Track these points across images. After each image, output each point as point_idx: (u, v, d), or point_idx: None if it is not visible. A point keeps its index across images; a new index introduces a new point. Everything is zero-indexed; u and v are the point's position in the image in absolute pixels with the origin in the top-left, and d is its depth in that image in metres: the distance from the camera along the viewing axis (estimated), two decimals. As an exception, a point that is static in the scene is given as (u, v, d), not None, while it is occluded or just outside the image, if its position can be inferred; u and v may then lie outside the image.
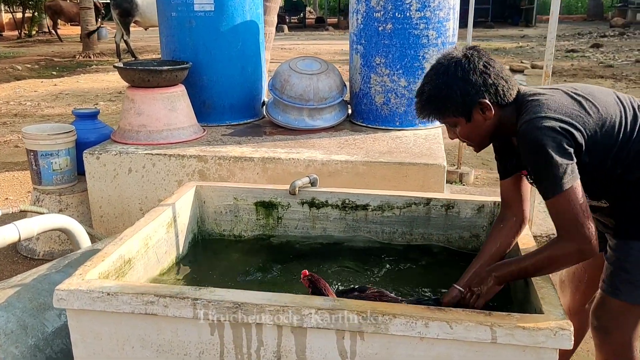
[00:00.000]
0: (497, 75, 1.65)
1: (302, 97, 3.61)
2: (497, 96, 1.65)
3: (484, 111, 1.65)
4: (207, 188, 2.62)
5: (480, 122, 1.67)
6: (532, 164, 1.59)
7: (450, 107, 1.65)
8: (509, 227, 1.94)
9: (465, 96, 1.63)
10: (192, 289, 1.68)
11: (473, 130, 1.69)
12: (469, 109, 1.64)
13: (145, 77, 3.31)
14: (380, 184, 3.00)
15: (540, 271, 1.66)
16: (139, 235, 2.11)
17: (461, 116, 1.66)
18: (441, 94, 1.64)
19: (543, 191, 1.59)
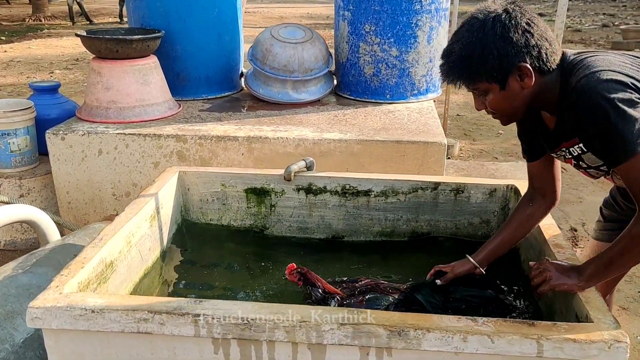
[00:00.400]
0: (541, 36, 1.41)
1: (285, 68, 3.34)
2: (539, 60, 1.40)
3: (523, 78, 1.41)
4: (192, 174, 2.36)
5: (516, 90, 1.42)
6: (597, 125, 1.32)
7: (483, 71, 1.40)
8: (538, 206, 1.78)
9: (504, 57, 1.37)
10: (191, 302, 1.45)
11: (506, 100, 1.44)
12: (506, 74, 1.40)
13: (113, 48, 2.98)
14: (376, 164, 2.80)
15: (628, 257, 1.41)
16: (121, 234, 1.85)
17: (495, 82, 1.41)
18: (474, 53, 1.39)
19: (613, 155, 1.34)
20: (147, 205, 2.06)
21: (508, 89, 1.42)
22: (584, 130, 1.40)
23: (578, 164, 1.58)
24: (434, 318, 1.39)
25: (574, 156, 1.56)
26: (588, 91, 1.34)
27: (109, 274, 1.76)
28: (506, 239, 1.82)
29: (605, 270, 1.46)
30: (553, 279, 1.50)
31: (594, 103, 1.32)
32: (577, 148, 1.52)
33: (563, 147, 1.56)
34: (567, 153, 1.57)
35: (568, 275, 1.50)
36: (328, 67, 3.51)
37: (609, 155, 1.36)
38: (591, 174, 1.59)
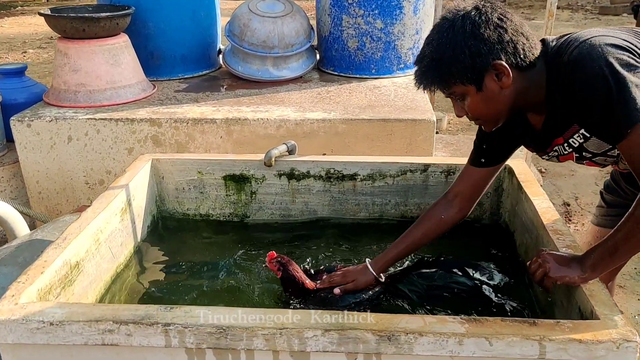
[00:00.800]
0: (516, 30, 1.30)
1: (265, 44, 3.16)
2: (516, 56, 1.29)
3: (500, 77, 1.29)
4: (166, 161, 2.21)
5: (495, 91, 1.31)
6: (597, 95, 1.20)
7: (457, 72, 1.29)
8: (451, 216, 1.70)
9: (476, 56, 1.27)
10: (161, 309, 1.32)
11: (486, 103, 1.33)
12: (481, 74, 1.29)
13: (79, 27, 2.78)
14: (362, 144, 2.66)
15: (634, 242, 1.27)
16: (88, 231, 1.71)
17: (471, 83, 1.30)
18: (445, 55, 1.28)
19: (614, 129, 1.22)
20: (117, 198, 1.91)
21: (486, 90, 1.30)
22: (584, 107, 1.26)
23: (581, 156, 1.44)
24: (427, 320, 1.28)
25: (574, 147, 1.42)
26: (582, 59, 1.23)
27: (75, 276, 1.63)
28: (411, 245, 1.71)
29: (610, 258, 1.33)
30: (552, 271, 1.39)
31: (591, 71, 1.21)
32: (577, 137, 1.39)
33: (556, 144, 1.44)
34: (565, 148, 1.44)
35: (569, 266, 1.39)
36: (310, 42, 3.33)
37: (611, 129, 1.24)
38: (597, 162, 1.46)
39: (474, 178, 1.66)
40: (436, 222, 1.70)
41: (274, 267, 1.75)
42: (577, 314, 1.39)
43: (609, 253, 1.32)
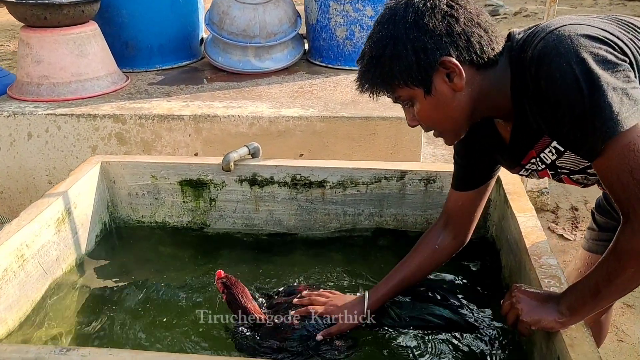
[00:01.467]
0: (470, 20, 1.05)
1: (245, 32, 2.93)
2: (470, 51, 1.05)
3: (451, 77, 1.06)
4: (116, 164, 2.01)
5: (446, 94, 1.07)
6: (565, 99, 0.95)
7: (399, 72, 1.06)
8: (445, 246, 1.46)
9: (420, 52, 1.04)
10: (54, 352, 1.12)
11: (437, 109, 1.09)
12: (428, 74, 1.05)
13: (40, 14, 2.58)
14: (342, 143, 2.43)
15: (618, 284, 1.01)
16: (7, 247, 1.52)
17: (417, 85, 1.07)
18: (385, 52, 1.05)
19: (586, 143, 0.96)
20: (51, 208, 1.72)
21: (436, 94, 1.07)
22: (550, 115, 0.99)
23: (557, 172, 1.17)
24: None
25: (547, 164, 1.15)
26: (548, 54, 0.96)
27: (-14, 299, 1.44)
28: (406, 280, 1.47)
29: (592, 301, 1.07)
30: (525, 313, 1.15)
31: (558, 70, 0.95)
32: (549, 152, 1.12)
33: (531, 157, 1.18)
34: (538, 163, 1.18)
35: (545, 307, 1.14)
36: (295, 30, 3.09)
37: (583, 143, 0.97)
38: (577, 180, 1.19)
39: (461, 202, 1.42)
40: (430, 253, 1.47)
41: (220, 288, 1.54)
42: (555, 364, 1.15)
43: (591, 295, 1.06)
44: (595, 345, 1.11)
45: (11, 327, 1.51)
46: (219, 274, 1.56)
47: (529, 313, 1.14)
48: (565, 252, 2.77)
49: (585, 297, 1.08)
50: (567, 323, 1.12)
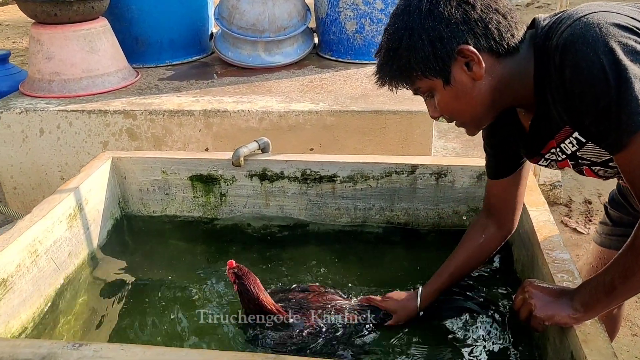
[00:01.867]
0: (488, 6, 1.03)
1: (255, 27, 2.93)
2: (488, 38, 1.03)
3: (470, 65, 1.04)
4: (127, 160, 2.02)
5: (466, 84, 1.05)
6: (590, 90, 0.92)
7: (416, 63, 1.04)
8: (491, 237, 1.44)
9: (436, 41, 1.02)
10: (68, 347, 1.13)
11: (457, 99, 1.07)
12: (446, 64, 1.04)
13: (50, 11, 2.59)
14: (352, 138, 2.42)
15: (634, 281, 1.00)
16: (19, 244, 1.53)
17: (436, 76, 1.05)
18: (402, 44, 1.04)
19: (610, 136, 0.94)
20: (63, 203, 1.73)
21: (455, 84, 1.05)
22: (574, 106, 0.97)
23: (577, 163, 1.15)
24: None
25: (568, 155, 1.13)
26: (574, 43, 0.93)
27: (1, 295, 1.45)
28: (455, 274, 1.47)
29: (606, 298, 1.06)
30: (538, 309, 1.13)
31: (585, 59, 0.92)
32: (569, 143, 1.10)
33: (551, 147, 1.16)
34: (558, 153, 1.15)
35: (558, 302, 1.13)
36: (305, 24, 3.08)
37: (607, 137, 0.95)
38: (597, 173, 1.17)
39: (498, 190, 1.40)
40: (477, 246, 1.45)
41: (232, 278, 1.54)
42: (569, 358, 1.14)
43: (605, 291, 1.05)
44: (608, 340, 1.10)
45: (25, 322, 1.53)
46: (230, 264, 1.55)
47: (542, 309, 1.13)
48: (578, 245, 2.74)
49: (600, 294, 1.06)
50: (581, 319, 1.11)
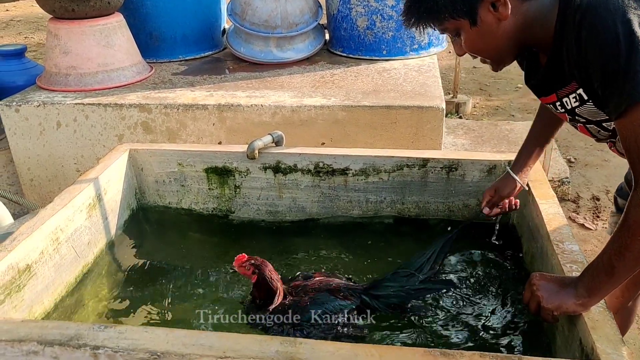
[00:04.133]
0: None
1: (267, 23, 2.96)
2: None
3: (496, 6, 1.10)
4: (144, 152, 2.06)
5: (491, 24, 1.11)
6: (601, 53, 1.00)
7: (444, 5, 1.11)
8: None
9: None
10: (93, 329, 1.17)
11: (483, 38, 1.14)
12: (473, 5, 1.10)
13: (68, 6, 2.64)
14: (363, 133, 2.45)
15: (630, 258, 1.05)
16: (42, 231, 1.58)
17: (462, 17, 1.12)
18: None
19: (613, 101, 1.01)
20: (82, 193, 1.78)
21: (481, 24, 1.11)
22: (585, 67, 1.04)
23: (574, 119, 1.22)
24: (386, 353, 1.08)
25: (567, 109, 1.19)
26: (596, 7, 1.00)
27: (25, 280, 1.50)
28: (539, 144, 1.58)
29: (607, 278, 1.10)
30: (546, 300, 1.17)
31: (602, 24, 0.99)
32: (573, 98, 1.16)
33: (552, 100, 1.21)
34: (557, 106, 1.21)
35: (564, 291, 1.17)
36: (317, 20, 3.11)
37: (610, 101, 1.03)
38: (591, 131, 1.23)
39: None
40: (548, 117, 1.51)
41: (246, 272, 1.57)
42: (577, 347, 1.17)
43: (606, 272, 1.09)
44: (617, 327, 1.13)
45: (47, 307, 1.58)
46: (241, 258, 1.57)
47: (549, 299, 1.17)
48: (586, 241, 2.77)
49: (601, 275, 1.11)
50: (587, 304, 1.14)
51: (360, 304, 1.50)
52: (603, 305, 1.18)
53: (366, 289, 1.53)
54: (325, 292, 1.51)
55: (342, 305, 1.48)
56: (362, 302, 1.50)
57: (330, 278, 1.59)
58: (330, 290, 1.52)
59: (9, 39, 7.29)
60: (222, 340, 1.13)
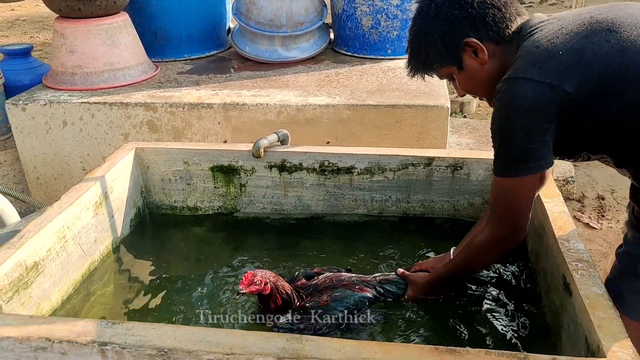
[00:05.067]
0: (483, 3, 1.26)
1: (272, 22, 2.97)
2: (488, 29, 1.26)
3: (477, 53, 1.28)
4: (150, 150, 2.07)
5: (475, 68, 1.30)
6: (492, 132, 1.27)
7: (433, 57, 1.32)
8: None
9: (446, 37, 1.28)
10: (101, 326, 1.18)
11: (471, 80, 1.33)
12: (457, 54, 1.29)
13: (74, 5, 2.65)
14: (368, 132, 2.46)
15: (471, 264, 1.49)
16: (50, 229, 1.59)
17: (451, 65, 1.32)
18: (421, 41, 1.32)
19: (494, 163, 1.29)
20: (89, 192, 1.79)
21: (467, 68, 1.30)
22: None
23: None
24: (395, 350, 1.09)
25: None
26: (499, 98, 1.22)
27: (33, 277, 1.51)
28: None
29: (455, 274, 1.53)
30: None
31: (496, 117, 1.24)
32: None
33: None
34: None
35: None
36: (322, 20, 3.12)
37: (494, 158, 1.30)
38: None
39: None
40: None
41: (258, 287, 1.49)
42: (583, 345, 1.18)
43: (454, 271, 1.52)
44: (623, 325, 1.13)
45: (55, 304, 1.59)
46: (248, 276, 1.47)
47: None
48: (591, 240, 2.77)
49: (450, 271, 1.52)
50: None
51: (377, 293, 1.52)
52: (609, 304, 1.19)
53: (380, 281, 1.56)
54: (340, 287, 1.52)
55: (363, 297, 1.50)
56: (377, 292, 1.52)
57: (336, 273, 1.60)
58: (345, 285, 1.53)
59: (14, 39, 7.31)
60: (229, 337, 1.14)
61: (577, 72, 1.14)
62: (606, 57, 1.14)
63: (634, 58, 1.13)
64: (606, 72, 1.14)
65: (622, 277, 1.34)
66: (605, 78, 1.14)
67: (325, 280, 1.56)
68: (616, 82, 1.14)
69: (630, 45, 1.14)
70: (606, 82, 1.14)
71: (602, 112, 1.16)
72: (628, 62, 1.13)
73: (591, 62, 1.14)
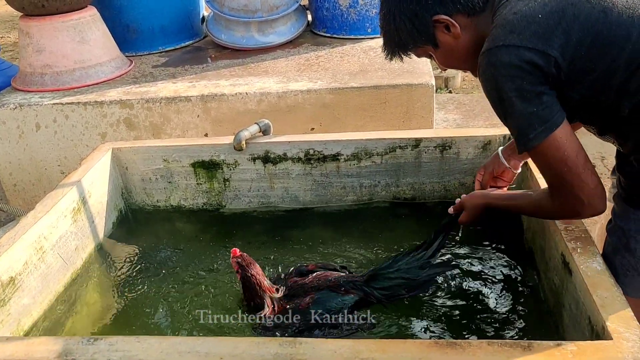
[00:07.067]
0: None
1: (247, 7, 2.87)
2: (455, 4, 1.21)
3: (449, 28, 1.23)
4: (128, 150, 1.99)
5: (450, 43, 1.26)
6: (495, 110, 1.20)
7: (407, 38, 1.28)
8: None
9: (415, 18, 1.23)
10: (83, 343, 1.12)
11: (449, 56, 1.30)
12: (428, 33, 1.25)
13: (38, 2, 2.54)
14: (353, 115, 2.39)
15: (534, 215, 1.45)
16: (25, 240, 1.52)
17: (425, 44, 1.28)
18: (390, 26, 1.29)
19: (515, 141, 1.20)
20: (66, 198, 1.71)
21: (442, 45, 1.26)
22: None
23: None
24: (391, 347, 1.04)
25: None
26: (482, 75, 1.18)
27: (10, 293, 1.44)
28: None
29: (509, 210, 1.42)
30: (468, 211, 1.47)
31: (487, 91, 1.19)
32: None
33: None
34: None
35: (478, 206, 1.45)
36: (297, 2, 3.03)
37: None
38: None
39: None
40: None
41: (235, 267, 1.52)
42: (587, 326, 1.13)
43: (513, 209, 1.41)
44: (627, 303, 1.09)
45: (36, 318, 1.52)
46: (234, 252, 1.54)
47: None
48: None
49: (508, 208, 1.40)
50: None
51: (363, 295, 1.45)
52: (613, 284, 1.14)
53: (367, 281, 1.47)
54: (325, 289, 1.45)
55: (345, 300, 1.43)
56: (364, 293, 1.45)
57: (327, 271, 1.54)
58: (330, 286, 1.46)
59: (-16, 40, 7.11)
60: (219, 346, 1.08)
61: (560, 35, 1.07)
62: (588, 19, 1.07)
63: (616, 19, 1.07)
64: (589, 33, 1.07)
65: (616, 253, 1.28)
66: (588, 40, 1.07)
67: (313, 281, 1.50)
68: (600, 43, 1.07)
69: (612, 6, 1.08)
70: (589, 44, 1.07)
71: (587, 78, 1.09)
72: (611, 22, 1.07)
73: (572, 24, 1.07)
